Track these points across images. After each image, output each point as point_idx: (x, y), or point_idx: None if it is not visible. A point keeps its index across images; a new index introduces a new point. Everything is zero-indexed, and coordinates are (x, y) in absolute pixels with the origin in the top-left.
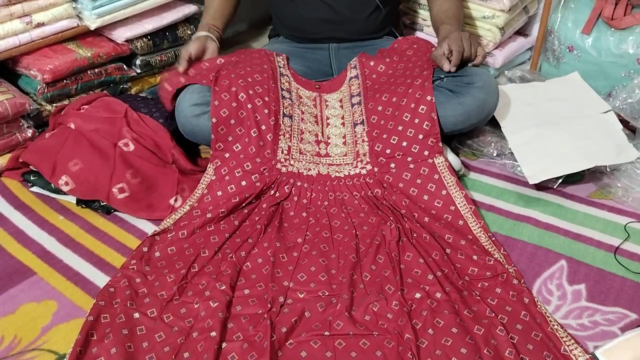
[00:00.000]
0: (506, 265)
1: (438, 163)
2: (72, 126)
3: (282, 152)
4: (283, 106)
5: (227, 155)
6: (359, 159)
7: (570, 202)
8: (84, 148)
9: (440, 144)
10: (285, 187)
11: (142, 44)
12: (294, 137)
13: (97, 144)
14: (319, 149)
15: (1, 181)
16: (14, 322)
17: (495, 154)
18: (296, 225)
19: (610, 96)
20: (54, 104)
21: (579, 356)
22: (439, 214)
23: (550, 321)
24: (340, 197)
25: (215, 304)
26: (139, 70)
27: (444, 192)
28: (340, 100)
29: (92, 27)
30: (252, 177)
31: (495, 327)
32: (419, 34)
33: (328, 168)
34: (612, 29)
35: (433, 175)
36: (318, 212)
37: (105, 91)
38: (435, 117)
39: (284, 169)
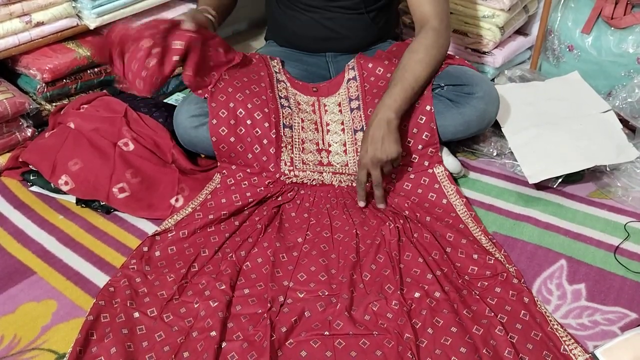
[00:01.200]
0: (507, 265)
1: (438, 173)
2: (72, 126)
3: (285, 164)
4: (282, 116)
5: (233, 167)
6: None
7: (570, 201)
8: (84, 147)
9: (440, 154)
10: (289, 194)
11: None
12: (295, 147)
13: (97, 143)
14: (321, 157)
15: (1, 181)
16: (13, 321)
17: (495, 154)
18: (297, 225)
19: (610, 95)
20: (54, 104)
21: (579, 356)
22: (439, 218)
23: (550, 321)
24: (343, 201)
25: (215, 304)
26: None
27: (444, 201)
28: (339, 104)
29: (92, 26)
30: (258, 189)
31: (495, 327)
32: None
33: (332, 176)
34: (612, 28)
35: (433, 184)
36: (319, 213)
37: (104, 90)
38: (434, 127)
39: (288, 181)
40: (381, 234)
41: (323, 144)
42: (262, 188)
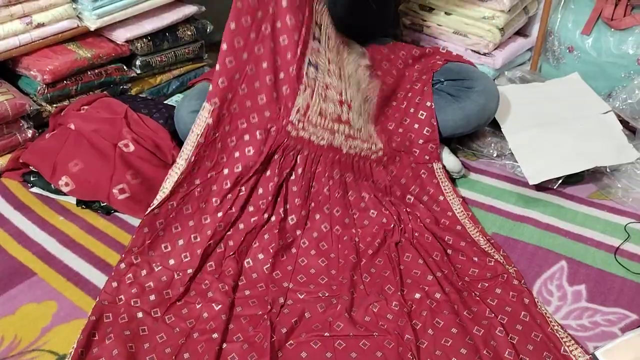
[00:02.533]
0: (506, 266)
1: (436, 169)
2: (72, 127)
3: (298, 112)
4: (310, 50)
5: (235, 107)
6: (372, 141)
7: (570, 202)
8: (84, 149)
9: (440, 152)
10: (291, 152)
11: (142, 45)
12: (316, 92)
13: (97, 144)
14: (342, 111)
15: (1, 182)
16: (14, 322)
17: (495, 155)
18: (297, 209)
19: (610, 97)
20: (54, 105)
21: (579, 357)
22: (437, 218)
23: (551, 322)
24: (344, 177)
25: (219, 307)
26: (139, 71)
27: (441, 197)
28: (362, 58)
29: (92, 27)
30: (257, 133)
31: (495, 328)
32: (419, 34)
33: (344, 141)
34: (612, 29)
35: (432, 179)
36: (320, 194)
37: (105, 92)
38: (435, 123)
39: (294, 133)
40: (382, 235)
41: (345, 95)
42: (263, 132)
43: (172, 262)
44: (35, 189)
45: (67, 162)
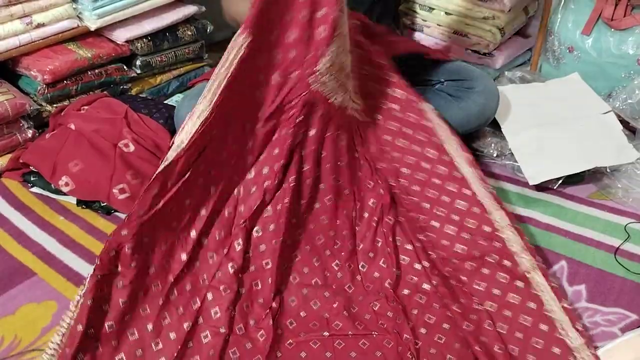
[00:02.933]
0: (508, 223)
1: (426, 110)
2: (73, 127)
3: (326, 62)
4: None
5: (258, 39)
6: (357, 100)
7: (570, 202)
8: (84, 149)
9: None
10: (308, 109)
11: (143, 45)
12: (341, 40)
13: (98, 144)
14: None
15: (1, 182)
16: (14, 322)
17: (495, 155)
18: (304, 175)
19: (610, 97)
20: (54, 105)
21: (574, 339)
22: (432, 169)
23: (546, 300)
24: (350, 141)
25: (227, 292)
26: (139, 71)
27: (434, 139)
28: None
29: (93, 27)
30: (275, 74)
31: (483, 322)
32: (419, 34)
33: (348, 99)
34: (612, 29)
35: (422, 121)
36: (328, 162)
37: (105, 92)
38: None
39: (314, 86)
40: (379, 212)
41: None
42: (279, 79)
43: (174, 224)
44: (35, 189)
45: (67, 162)
